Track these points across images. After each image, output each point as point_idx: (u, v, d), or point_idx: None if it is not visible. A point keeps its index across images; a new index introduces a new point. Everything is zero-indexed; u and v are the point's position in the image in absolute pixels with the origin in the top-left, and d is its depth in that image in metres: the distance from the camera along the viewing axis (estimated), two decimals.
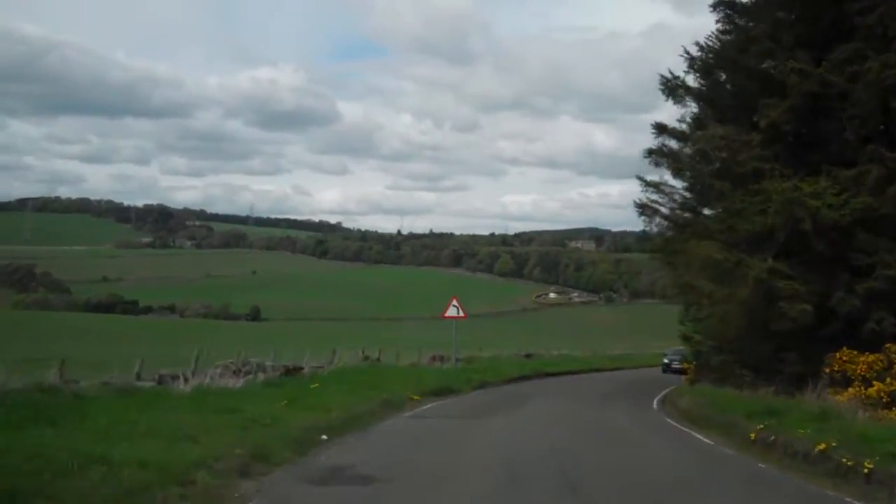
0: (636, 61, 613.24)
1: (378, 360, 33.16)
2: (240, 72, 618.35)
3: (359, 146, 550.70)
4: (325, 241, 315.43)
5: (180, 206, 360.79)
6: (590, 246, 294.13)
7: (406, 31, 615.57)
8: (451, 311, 34.50)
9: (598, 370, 49.87)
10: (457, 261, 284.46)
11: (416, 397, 23.39)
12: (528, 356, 46.45)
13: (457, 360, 35.88)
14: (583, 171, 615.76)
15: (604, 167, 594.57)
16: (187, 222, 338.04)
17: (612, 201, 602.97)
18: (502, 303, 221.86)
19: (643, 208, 30.76)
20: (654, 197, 30.28)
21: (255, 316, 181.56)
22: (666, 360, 48.25)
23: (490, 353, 44.41)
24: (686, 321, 32.89)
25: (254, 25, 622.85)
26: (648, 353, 70.10)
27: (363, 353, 33.22)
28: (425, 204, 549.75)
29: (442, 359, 36.75)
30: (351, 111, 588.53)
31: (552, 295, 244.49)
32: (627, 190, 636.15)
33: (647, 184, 29.76)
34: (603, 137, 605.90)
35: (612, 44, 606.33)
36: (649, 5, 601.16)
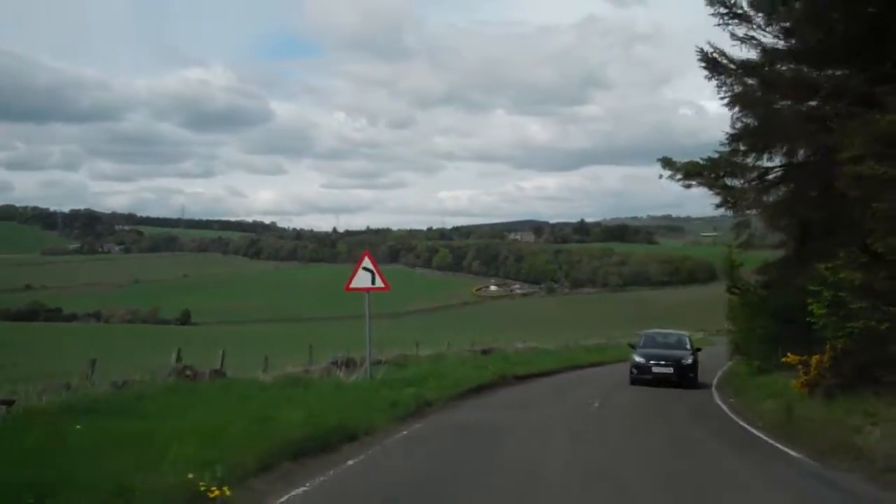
0: (569, 54, 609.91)
1: (220, 371, 17.24)
2: (169, 73, 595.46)
3: (293, 145, 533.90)
4: (259, 241, 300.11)
5: (109, 212, 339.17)
6: (528, 237, 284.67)
7: (339, 27, 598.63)
8: (361, 280, 19.25)
9: (580, 366, 36.89)
10: (394, 256, 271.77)
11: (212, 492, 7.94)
12: (485, 352, 31.52)
13: (374, 364, 20.40)
14: (519, 164, 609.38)
15: (540, 160, 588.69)
16: (116, 227, 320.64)
17: (548, 193, 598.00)
18: (442, 297, 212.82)
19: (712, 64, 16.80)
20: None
21: (185, 320, 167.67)
22: (640, 359, 26.39)
23: (431, 351, 29.07)
24: None
25: (182, 25, 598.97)
26: (622, 343, 56.78)
27: (176, 358, 17.19)
28: (362, 202, 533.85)
29: (351, 364, 21.10)
30: (284, 110, 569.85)
31: (493, 287, 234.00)
32: (564, 182, 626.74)
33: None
34: (538, 130, 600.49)
35: (544, 37, 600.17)
36: None
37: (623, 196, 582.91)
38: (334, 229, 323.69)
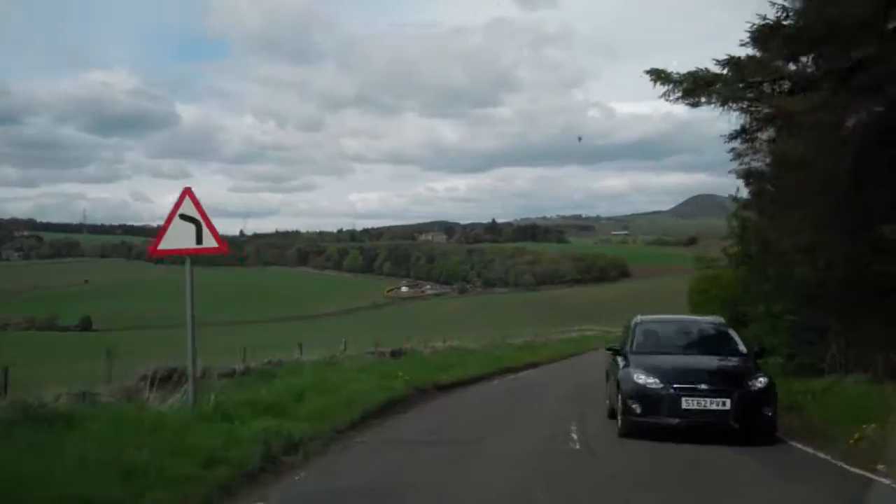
0: (479, 56, 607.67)
1: None
2: (71, 76, 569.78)
3: (200, 149, 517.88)
4: None
5: (8, 217, 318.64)
6: (440, 238, 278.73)
7: (248, 29, 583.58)
8: (179, 236, 11.18)
9: (514, 369, 30.11)
10: (303, 259, 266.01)
11: None
12: (395, 354, 23.66)
13: (215, 379, 12.21)
14: (429, 166, 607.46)
15: (450, 162, 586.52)
16: (15, 233, 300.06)
17: (459, 195, 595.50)
18: (353, 299, 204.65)
19: None
20: None
21: (85, 326, 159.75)
22: (646, 379, 12.37)
23: (320, 356, 20.76)
24: None
25: (81, 27, 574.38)
26: (553, 340, 50.09)
27: None
28: (271, 205, 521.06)
29: (155, 378, 12.36)
30: (191, 114, 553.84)
31: (404, 288, 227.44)
32: (475, 183, 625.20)
33: None
34: (449, 132, 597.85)
35: (454, 39, 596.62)
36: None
37: (533, 197, 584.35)
38: (241, 232, 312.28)
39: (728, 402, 11.79)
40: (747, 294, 21.48)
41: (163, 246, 11.45)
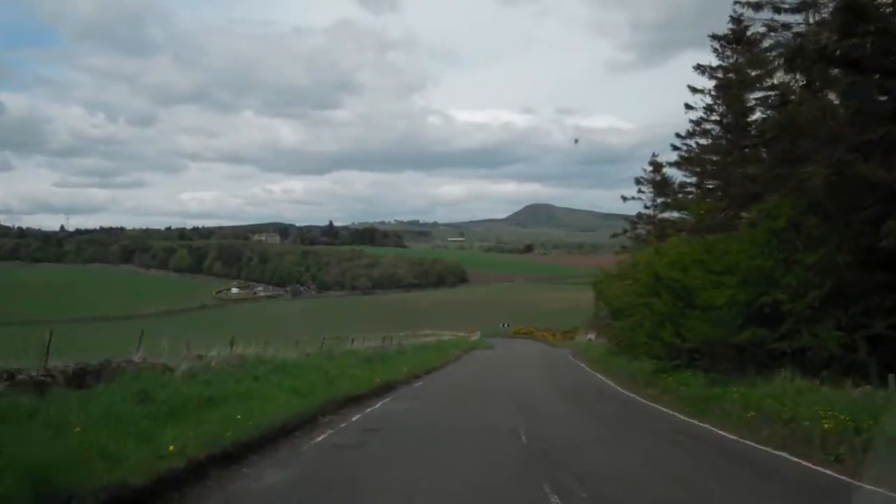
0: (321, 57, 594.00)
1: None
2: None
3: (24, 140, 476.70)
4: None
5: None
6: (274, 239, 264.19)
7: (77, 17, 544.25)
8: None
9: (368, 395, 19.77)
10: (127, 257, 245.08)
11: None
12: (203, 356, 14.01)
13: None
14: (267, 167, 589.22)
15: (289, 163, 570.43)
16: None
17: (297, 197, 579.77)
18: (179, 300, 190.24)
19: None
20: None
21: None
22: None
23: None
24: None
25: None
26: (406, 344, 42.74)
27: None
28: (98, 201, 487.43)
29: None
30: (15, 103, 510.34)
31: (234, 290, 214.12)
32: (313, 186, 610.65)
33: None
34: (288, 133, 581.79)
35: (296, 38, 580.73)
36: (335, 0, 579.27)
37: (372, 201, 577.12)
38: (62, 227, 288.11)
39: None
40: None
41: None
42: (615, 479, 9.56)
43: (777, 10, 20.30)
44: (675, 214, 33.59)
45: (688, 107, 28.53)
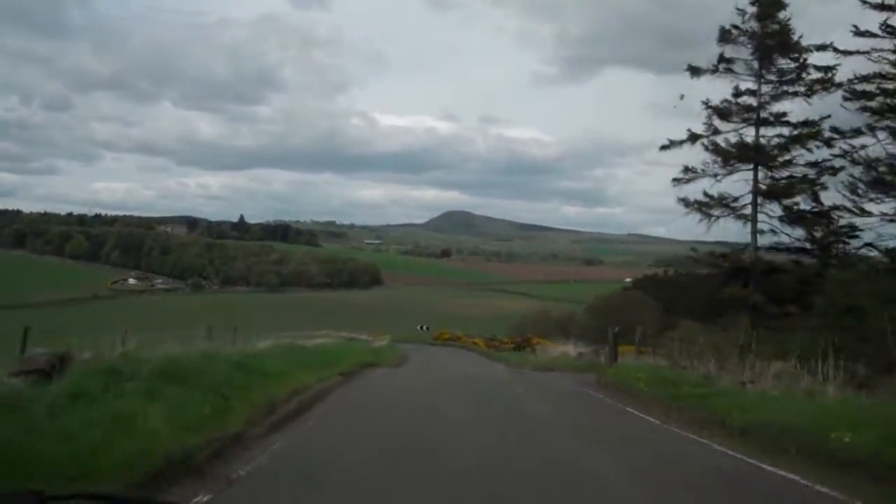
0: (244, 50, 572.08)
1: None
2: None
3: None
4: None
5: None
6: (181, 231, 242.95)
7: None
8: None
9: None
10: (20, 241, 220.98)
11: None
12: None
13: None
14: (183, 160, 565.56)
15: (205, 157, 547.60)
16: None
17: (212, 192, 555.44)
18: (71, 289, 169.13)
19: None
20: None
21: None
22: None
23: None
24: None
25: None
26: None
27: None
28: (6, 187, 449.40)
29: None
30: None
31: (132, 280, 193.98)
32: (229, 182, 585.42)
33: None
34: (206, 126, 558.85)
35: (220, 31, 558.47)
36: None
37: (288, 200, 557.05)
38: None
39: None
40: None
41: None
42: None
43: None
44: None
45: None
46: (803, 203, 28.05)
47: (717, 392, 13.95)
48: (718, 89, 32.39)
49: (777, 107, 29.53)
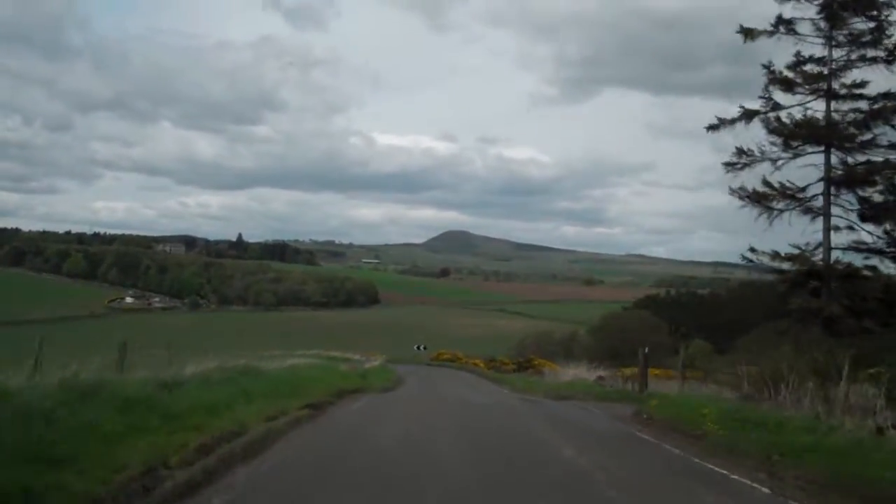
0: (244, 72, 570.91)
1: None
2: None
3: None
4: None
5: None
6: (179, 250, 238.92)
7: None
8: None
9: None
10: (19, 259, 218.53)
11: None
12: None
13: None
14: (182, 180, 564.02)
15: (205, 177, 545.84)
16: None
17: (211, 212, 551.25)
18: (69, 307, 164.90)
19: None
20: None
21: None
22: None
23: None
24: None
25: None
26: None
27: None
28: (6, 206, 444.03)
29: None
30: None
31: (129, 299, 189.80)
32: (229, 202, 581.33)
33: None
34: (205, 146, 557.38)
35: (219, 52, 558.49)
36: (260, 16, 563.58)
37: (288, 220, 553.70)
38: None
39: None
40: None
41: None
42: None
43: None
44: None
45: None
46: (882, 194, 22.42)
47: (845, 442, 9.37)
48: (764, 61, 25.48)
49: (852, 76, 23.46)
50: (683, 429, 12.90)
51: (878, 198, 22.61)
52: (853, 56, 23.28)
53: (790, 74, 23.76)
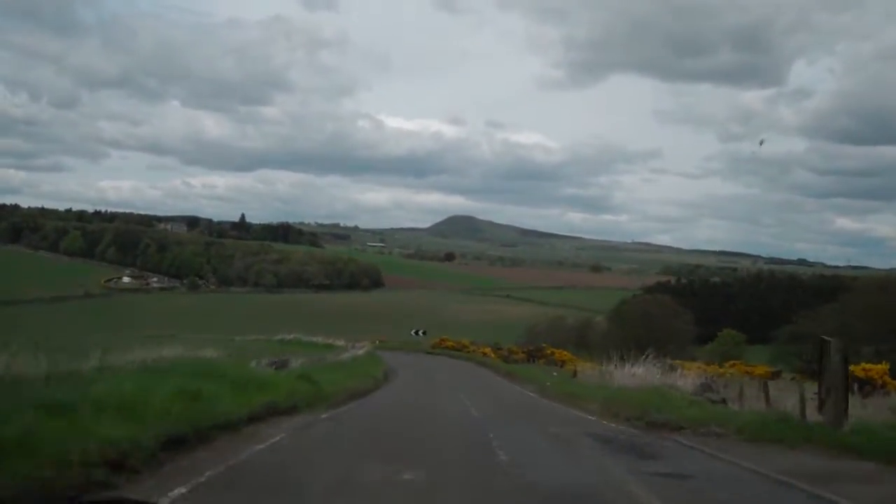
0: (253, 51, 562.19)
1: None
2: None
3: None
4: None
5: None
6: (181, 229, 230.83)
7: None
8: None
9: None
10: (16, 236, 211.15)
11: None
12: None
13: None
14: (189, 160, 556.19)
15: (212, 157, 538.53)
16: None
17: (217, 193, 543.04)
18: (64, 286, 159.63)
19: None
20: None
21: None
22: None
23: None
24: None
25: None
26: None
27: None
28: (12, 184, 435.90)
29: None
30: None
31: (126, 279, 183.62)
32: (235, 183, 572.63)
33: None
34: (213, 126, 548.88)
35: (229, 31, 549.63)
36: None
37: (294, 202, 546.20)
38: None
39: None
40: None
41: None
42: None
43: None
44: None
45: None
46: None
47: None
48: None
49: None
50: None
51: None
52: None
53: None
